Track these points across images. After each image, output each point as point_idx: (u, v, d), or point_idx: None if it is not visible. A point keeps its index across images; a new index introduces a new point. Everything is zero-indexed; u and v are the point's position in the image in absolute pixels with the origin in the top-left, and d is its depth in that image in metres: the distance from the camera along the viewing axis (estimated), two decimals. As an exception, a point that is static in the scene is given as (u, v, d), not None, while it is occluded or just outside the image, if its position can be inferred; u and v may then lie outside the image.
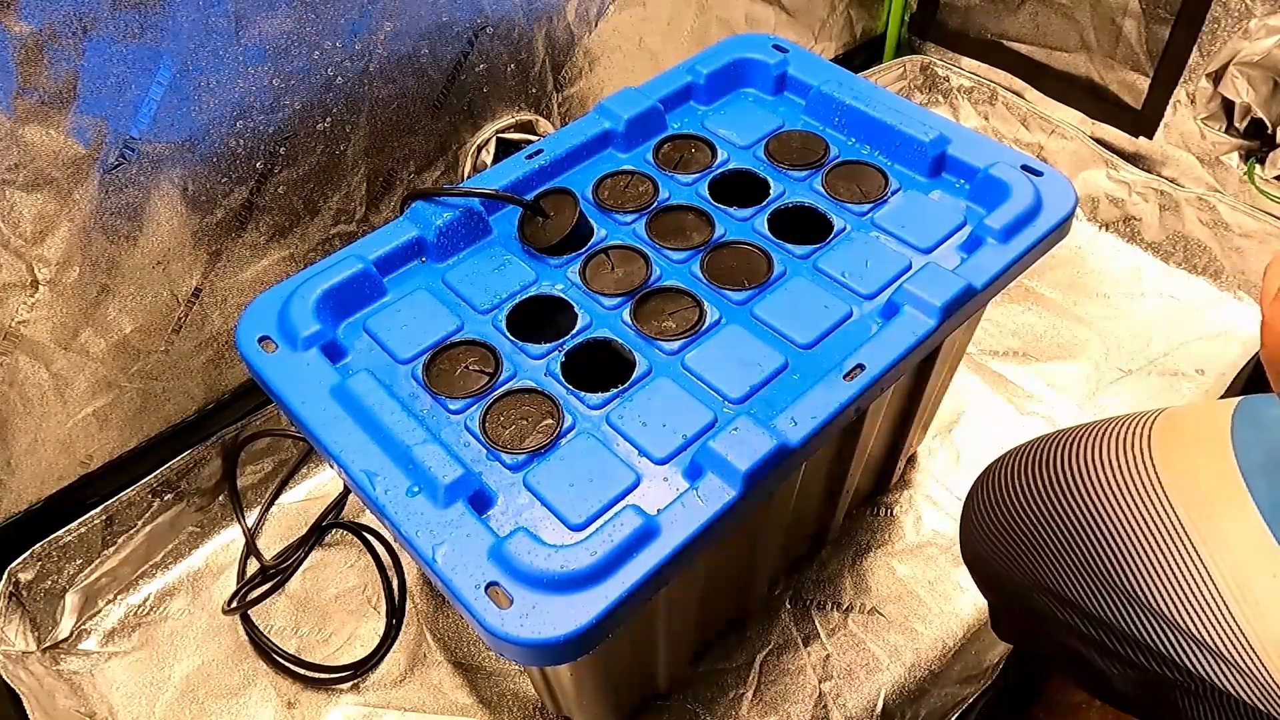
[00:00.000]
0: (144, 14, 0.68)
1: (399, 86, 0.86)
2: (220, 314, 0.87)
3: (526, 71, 0.95)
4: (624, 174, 0.76)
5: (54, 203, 0.71)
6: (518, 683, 0.84)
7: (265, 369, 0.62)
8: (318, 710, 0.83)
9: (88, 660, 0.86)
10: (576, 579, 0.50)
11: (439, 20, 0.85)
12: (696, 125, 0.80)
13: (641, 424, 0.60)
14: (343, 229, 0.91)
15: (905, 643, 0.86)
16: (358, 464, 0.57)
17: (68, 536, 0.85)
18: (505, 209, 0.73)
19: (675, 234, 0.71)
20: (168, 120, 0.73)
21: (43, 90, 0.66)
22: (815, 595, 0.89)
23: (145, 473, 0.89)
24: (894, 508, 0.95)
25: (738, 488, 0.55)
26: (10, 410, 0.78)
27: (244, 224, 0.83)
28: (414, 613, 0.88)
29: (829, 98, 0.78)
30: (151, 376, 0.85)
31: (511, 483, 0.57)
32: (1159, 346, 1.07)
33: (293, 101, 0.80)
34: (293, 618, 0.89)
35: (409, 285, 0.69)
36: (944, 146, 0.74)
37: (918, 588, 0.89)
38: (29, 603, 0.85)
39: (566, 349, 0.64)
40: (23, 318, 0.74)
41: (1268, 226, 1.08)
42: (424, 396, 0.62)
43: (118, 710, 0.83)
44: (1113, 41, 1.16)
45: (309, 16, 0.76)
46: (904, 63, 1.35)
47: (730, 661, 0.85)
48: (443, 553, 0.52)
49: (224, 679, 0.85)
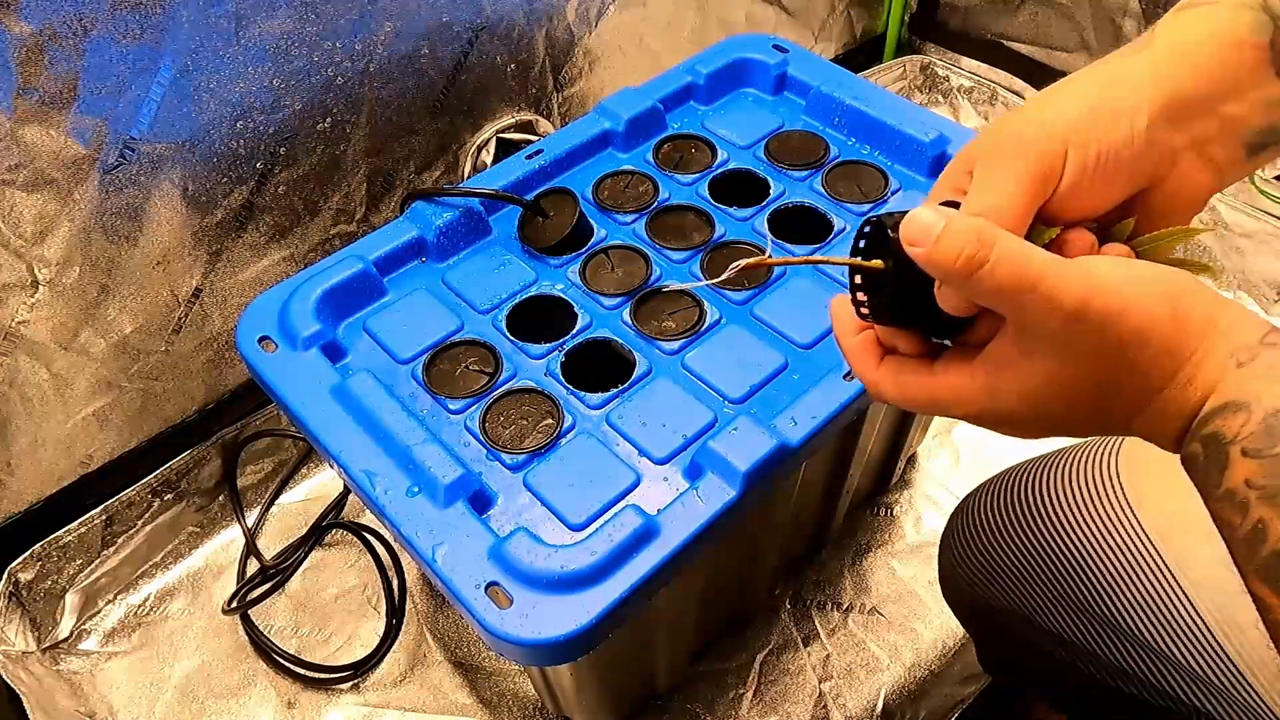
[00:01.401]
0: (144, 14, 0.68)
1: (399, 86, 0.86)
2: (220, 314, 0.87)
3: (526, 71, 0.95)
4: (624, 174, 0.76)
5: (54, 203, 0.71)
6: (518, 683, 0.84)
7: (265, 369, 0.62)
8: (318, 710, 0.83)
9: (88, 660, 0.86)
10: (576, 579, 0.50)
11: (439, 20, 0.85)
12: (696, 125, 0.80)
13: (641, 424, 0.60)
14: (343, 229, 0.91)
15: (905, 643, 0.86)
16: (358, 464, 0.57)
17: (68, 536, 0.85)
18: (505, 209, 0.73)
19: (675, 234, 0.71)
20: (168, 120, 0.73)
21: (43, 90, 0.66)
22: (815, 595, 0.89)
23: (145, 473, 0.89)
24: (894, 508, 0.95)
25: (737, 488, 0.55)
26: (10, 410, 0.78)
27: (244, 224, 0.83)
28: (414, 613, 0.88)
29: (829, 98, 0.78)
30: (151, 376, 0.85)
31: (511, 483, 0.57)
32: (1159, 346, 1.07)
33: (293, 101, 0.80)
34: (293, 618, 0.89)
35: (409, 285, 0.69)
36: (944, 146, 0.74)
37: (918, 588, 0.89)
38: (29, 603, 0.85)
39: (566, 349, 0.64)
40: (23, 318, 0.74)
41: (1268, 226, 1.07)
42: (424, 396, 0.62)
43: (118, 710, 0.83)
44: (1113, 41, 1.16)
45: (309, 16, 0.76)
46: (904, 63, 1.35)
47: (730, 661, 0.85)
48: (443, 553, 0.52)
49: (224, 679, 0.85)
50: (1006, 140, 0.37)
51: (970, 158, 0.38)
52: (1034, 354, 0.34)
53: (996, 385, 0.36)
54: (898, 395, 0.39)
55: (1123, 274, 0.34)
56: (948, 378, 0.38)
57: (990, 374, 0.36)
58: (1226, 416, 0.32)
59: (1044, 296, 0.32)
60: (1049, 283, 0.32)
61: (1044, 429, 0.37)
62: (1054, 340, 0.34)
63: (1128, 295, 0.33)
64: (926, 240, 0.33)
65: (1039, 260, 0.33)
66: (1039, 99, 0.39)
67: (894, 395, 0.39)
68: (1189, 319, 0.34)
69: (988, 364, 0.36)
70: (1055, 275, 0.32)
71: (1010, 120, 0.38)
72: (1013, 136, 0.37)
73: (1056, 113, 0.37)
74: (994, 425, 0.38)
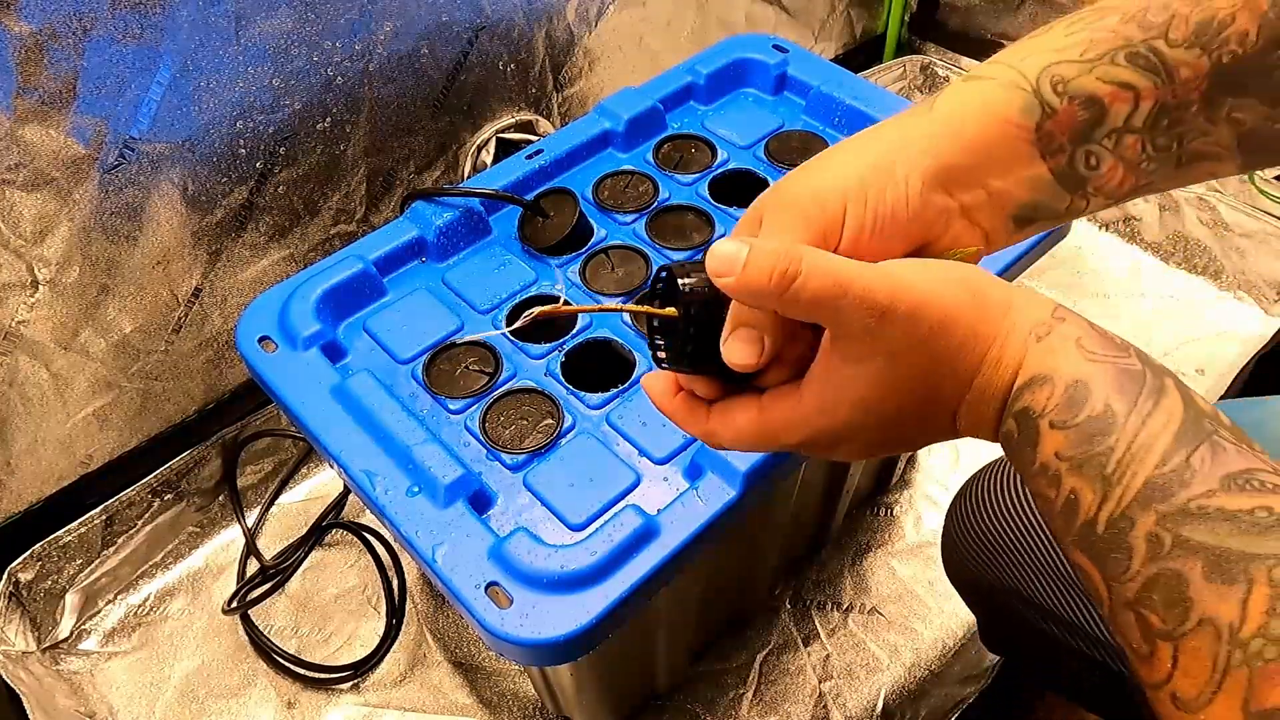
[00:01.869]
0: (144, 14, 0.68)
1: (399, 86, 0.86)
2: (220, 314, 0.87)
3: (526, 71, 0.95)
4: (624, 174, 0.76)
5: (54, 203, 0.71)
6: (518, 683, 0.84)
7: (265, 369, 0.62)
8: (318, 710, 0.83)
9: (88, 660, 0.86)
10: (576, 579, 0.50)
11: (439, 20, 0.85)
12: (696, 125, 0.80)
13: (641, 424, 0.60)
14: (343, 229, 0.91)
15: (905, 643, 0.86)
16: (358, 464, 0.57)
17: (68, 536, 0.85)
18: (505, 209, 0.73)
19: (675, 234, 0.71)
20: (168, 120, 0.73)
21: (43, 90, 0.66)
22: (815, 595, 0.89)
23: (145, 473, 0.89)
24: (894, 508, 0.95)
25: (737, 488, 0.55)
26: (10, 410, 0.78)
27: (244, 224, 0.83)
28: (414, 613, 0.88)
29: (829, 98, 0.78)
30: (151, 376, 0.85)
31: (511, 483, 0.57)
32: (1159, 346, 1.07)
33: (293, 101, 0.80)
34: (293, 618, 0.89)
35: (409, 285, 0.69)
36: (944, 146, 0.74)
37: (918, 588, 0.89)
38: (29, 603, 0.85)
39: (566, 349, 0.64)
40: (23, 318, 0.74)
41: (1268, 226, 1.07)
42: (424, 396, 0.62)
43: (118, 710, 0.83)
44: (1113, 41, 1.16)
45: (309, 16, 0.76)
46: (904, 63, 1.35)
47: (730, 661, 0.85)
48: (443, 553, 0.52)
49: (224, 679, 0.85)
50: (790, 197, 0.38)
51: (759, 210, 0.40)
52: (858, 359, 0.35)
53: (825, 400, 0.37)
54: (734, 439, 0.40)
55: (921, 270, 0.35)
56: (776, 408, 0.38)
57: (818, 392, 0.37)
58: (1034, 390, 0.33)
59: (858, 299, 0.33)
60: (860, 285, 0.33)
61: (878, 438, 0.38)
62: (873, 340, 0.34)
63: (928, 287, 0.34)
64: (734, 269, 0.34)
65: (847, 267, 0.34)
66: (825, 155, 0.40)
67: (731, 440, 0.40)
68: (988, 303, 0.35)
69: (813, 382, 0.37)
70: (864, 278, 0.33)
71: (795, 177, 0.39)
72: (796, 194, 0.38)
73: (838, 171, 0.38)
74: (830, 445, 0.38)
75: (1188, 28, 0.39)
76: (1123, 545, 0.31)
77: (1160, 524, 0.30)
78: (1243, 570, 0.28)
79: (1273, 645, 0.27)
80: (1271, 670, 0.27)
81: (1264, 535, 0.28)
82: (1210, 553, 0.29)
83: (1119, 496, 0.31)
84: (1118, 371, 0.33)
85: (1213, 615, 0.28)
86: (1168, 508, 0.30)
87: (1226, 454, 0.30)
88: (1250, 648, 0.27)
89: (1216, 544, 0.29)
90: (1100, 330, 0.35)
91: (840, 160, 0.39)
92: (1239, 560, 0.28)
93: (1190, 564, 0.29)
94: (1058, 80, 0.39)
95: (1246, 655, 0.27)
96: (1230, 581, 0.28)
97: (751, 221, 0.40)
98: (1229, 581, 0.28)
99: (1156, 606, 0.30)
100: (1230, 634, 0.28)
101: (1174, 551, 0.29)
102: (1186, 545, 0.29)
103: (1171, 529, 0.30)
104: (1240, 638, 0.28)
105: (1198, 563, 0.29)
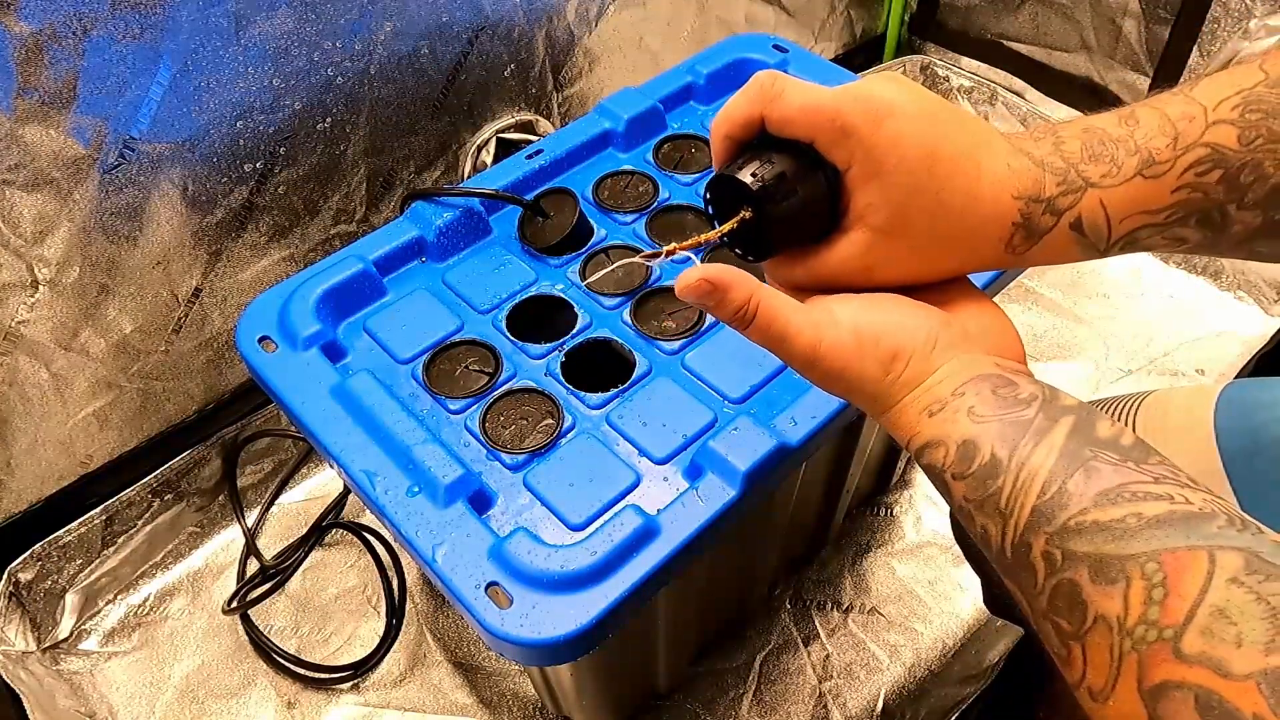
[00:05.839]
0: (144, 14, 0.68)
1: (399, 86, 0.86)
2: (220, 314, 0.87)
3: (526, 71, 0.95)
4: (624, 174, 0.76)
5: (54, 203, 0.71)
6: (518, 683, 0.84)
7: (265, 369, 0.62)
8: (318, 710, 0.83)
9: (88, 660, 0.86)
10: (576, 579, 0.50)
11: (439, 20, 0.85)
12: (696, 125, 0.80)
13: (641, 424, 0.60)
14: (343, 229, 0.91)
15: (905, 643, 0.86)
16: (358, 464, 0.57)
17: (68, 536, 0.85)
18: (505, 209, 0.73)
19: (675, 234, 0.71)
20: (168, 120, 0.73)
21: (43, 90, 0.66)
22: (815, 595, 0.89)
23: (145, 473, 0.89)
24: (894, 508, 0.95)
25: (738, 487, 0.55)
26: (10, 410, 0.78)
27: (244, 224, 0.83)
28: (414, 613, 0.88)
29: (829, 98, 0.78)
30: (151, 376, 0.85)
31: (511, 483, 0.57)
32: (1159, 346, 1.07)
33: (293, 101, 0.80)
34: (293, 618, 0.89)
35: (409, 285, 0.69)
36: (944, 146, 0.74)
37: (918, 588, 0.89)
38: (29, 603, 0.85)
39: (566, 349, 0.64)
40: (23, 318, 0.74)
41: (1268, 226, 1.07)
42: (424, 396, 0.62)
43: (118, 710, 0.83)
44: (1113, 41, 1.16)
45: (309, 16, 0.76)
46: (904, 63, 1.35)
47: (730, 661, 0.85)
48: (443, 553, 0.52)
49: (224, 679, 0.85)
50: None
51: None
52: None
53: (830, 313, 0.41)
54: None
55: (843, 327, 0.40)
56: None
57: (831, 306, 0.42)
58: (933, 450, 0.38)
59: (789, 346, 0.39)
60: (790, 332, 0.39)
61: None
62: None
63: (841, 351, 0.39)
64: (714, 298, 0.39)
65: (785, 311, 0.39)
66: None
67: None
68: (891, 380, 0.40)
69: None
70: (796, 327, 0.39)
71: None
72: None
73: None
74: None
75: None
76: (1027, 565, 0.35)
77: (1049, 543, 0.34)
78: (1120, 570, 0.32)
79: (1153, 629, 0.30)
80: (1155, 650, 0.30)
81: (1133, 537, 0.32)
82: (1092, 559, 0.32)
83: (1015, 525, 0.35)
84: (1002, 426, 0.37)
85: (1104, 612, 0.32)
86: (1052, 528, 0.34)
87: (1102, 474, 0.34)
88: (1135, 634, 0.30)
89: (1095, 551, 0.32)
90: (1003, 395, 0.38)
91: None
92: (1115, 561, 0.32)
93: (1079, 572, 0.33)
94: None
95: (1134, 641, 0.30)
96: (1112, 581, 0.32)
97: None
98: (1111, 581, 0.32)
99: (1062, 613, 0.33)
100: (1119, 625, 0.31)
101: (1065, 564, 0.33)
102: (1073, 556, 0.33)
103: (1059, 545, 0.34)
104: (1127, 627, 0.31)
105: (1084, 569, 0.33)
